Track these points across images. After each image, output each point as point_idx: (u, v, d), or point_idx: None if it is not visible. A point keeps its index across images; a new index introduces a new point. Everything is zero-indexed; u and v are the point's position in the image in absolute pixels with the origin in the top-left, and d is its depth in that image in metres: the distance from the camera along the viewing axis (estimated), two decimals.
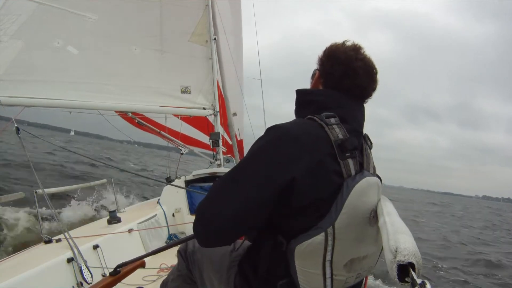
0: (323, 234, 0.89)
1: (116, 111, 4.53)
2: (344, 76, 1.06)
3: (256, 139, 1.02)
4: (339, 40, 1.13)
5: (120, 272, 1.26)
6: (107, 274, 1.27)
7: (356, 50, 1.09)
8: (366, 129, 1.12)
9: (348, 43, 1.10)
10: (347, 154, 0.95)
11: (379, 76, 1.12)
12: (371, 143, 1.12)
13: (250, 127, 6.82)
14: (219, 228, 0.95)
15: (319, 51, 1.15)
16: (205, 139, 5.69)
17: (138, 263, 1.33)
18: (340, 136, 0.95)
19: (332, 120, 0.98)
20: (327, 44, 1.14)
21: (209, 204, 0.98)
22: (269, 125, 1.03)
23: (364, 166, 1.02)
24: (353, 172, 0.95)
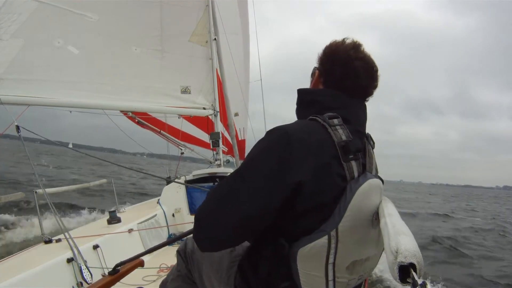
0: (326, 237, 0.88)
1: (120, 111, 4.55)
2: (345, 76, 1.04)
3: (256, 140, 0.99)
4: (338, 38, 1.10)
5: (120, 271, 1.26)
6: (107, 274, 1.26)
7: (356, 48, 1.06)
8: (375, 127, 1.08)
9: (348, 41, 1.08)
10: (350, 156, 0.94)
11: (379, 74, 1.09)
12: (374, 143, 1.11)
13: (252, 130, 6.83)
14: (219, 237, 0.94)
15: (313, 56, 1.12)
16: (205, 137, 5.69)
17: (136, 262, 1.33)
18: (344, 138, 0.94)
19: (335, 121, 0.96)
20: (322, 47, 1.11)
21: (209, 212, 0.95)
22: (269, 127, 0.99)
23: (366, 168, 1.01)
24: (356, 174, 0.94)
